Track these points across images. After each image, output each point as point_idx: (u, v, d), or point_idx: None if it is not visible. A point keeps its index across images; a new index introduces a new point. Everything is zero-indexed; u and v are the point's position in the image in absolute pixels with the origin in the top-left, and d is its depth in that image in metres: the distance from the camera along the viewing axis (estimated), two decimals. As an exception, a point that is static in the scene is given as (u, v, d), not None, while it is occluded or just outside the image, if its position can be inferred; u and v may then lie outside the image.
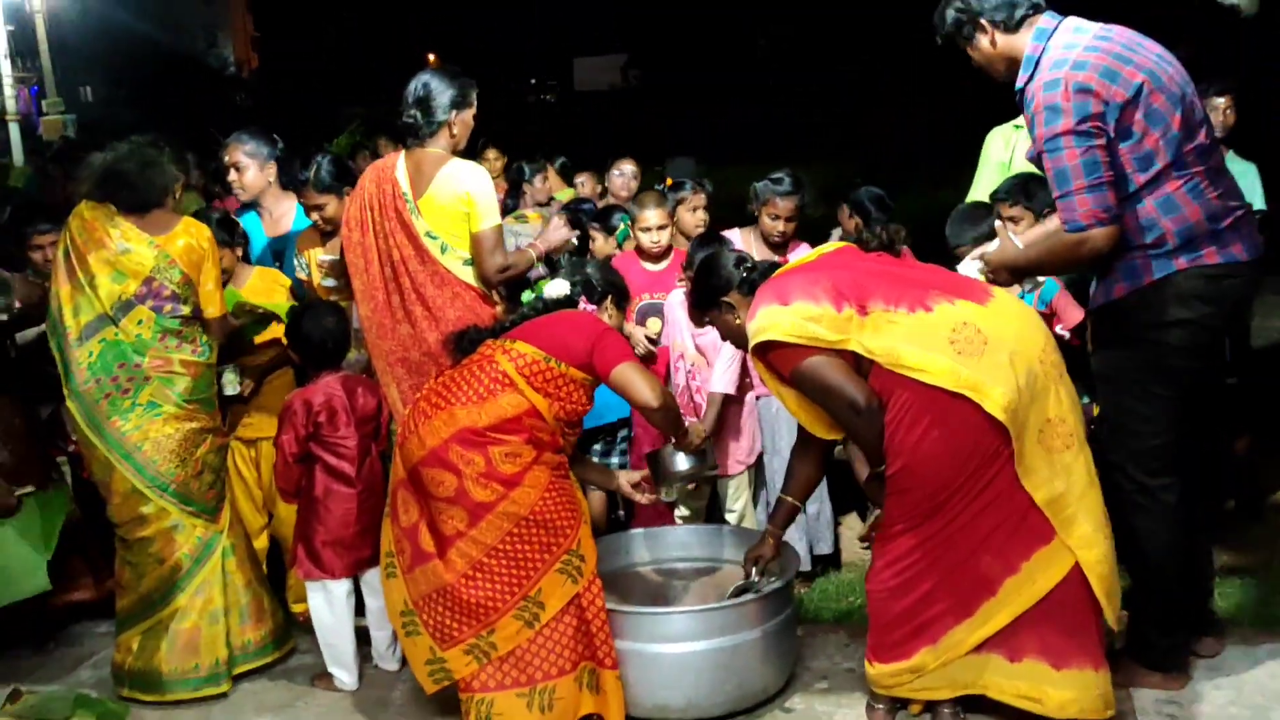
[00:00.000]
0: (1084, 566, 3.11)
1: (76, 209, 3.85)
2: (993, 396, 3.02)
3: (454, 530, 3.35)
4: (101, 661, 4.13)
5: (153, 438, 3.76)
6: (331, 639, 3.86)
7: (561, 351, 3.42)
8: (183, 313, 3.82)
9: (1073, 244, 3.18)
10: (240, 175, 4.79)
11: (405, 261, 3.81)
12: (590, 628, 3.39)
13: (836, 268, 3.31)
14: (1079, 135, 3.10)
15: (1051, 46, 3.21)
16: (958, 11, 3.33)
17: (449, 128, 3.86)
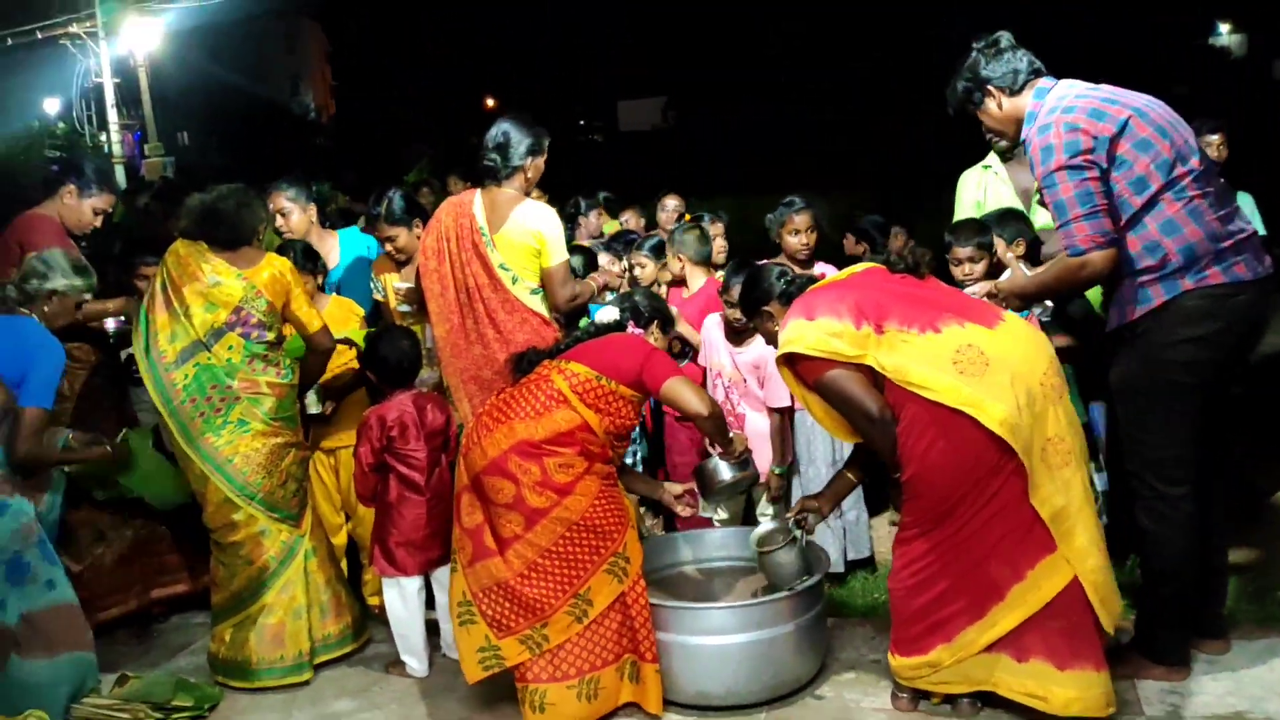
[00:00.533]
0: (1080, 576, 3.08)
1: (172, 246, 3.91)
2: (992, 413, 3.02)
3: (512, 533, 3.38)
4: (198, 649, 4.18)
5: (242, 452, 3.80)
6: (404, 630, 3.88)
7: (612, 370, 3.43)
8: (268, 338, 3.86)
9: (1075, 268, 3.21)
10: (286, 220, 4.71)
11: (480, 289, 3.84)
12: (634, 623, 3.39)
13: (861, 287, 3.30)
14: (1071, 170, 3.15)
15: (1047, 101, 3.28)
16: (966, 81, 3.42)
17: (524, 172, 3.92)
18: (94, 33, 22.27)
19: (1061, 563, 3.08)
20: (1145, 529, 3.33)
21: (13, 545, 3.49)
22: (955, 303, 3.26)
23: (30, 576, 3.52)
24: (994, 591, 3.14)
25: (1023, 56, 3.37)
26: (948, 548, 3.16)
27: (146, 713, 3.63)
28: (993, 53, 3.38)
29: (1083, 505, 3.11)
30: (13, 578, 3.49)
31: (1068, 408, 3.15)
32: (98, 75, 22.73)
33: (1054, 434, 3.09)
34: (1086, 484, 3.14)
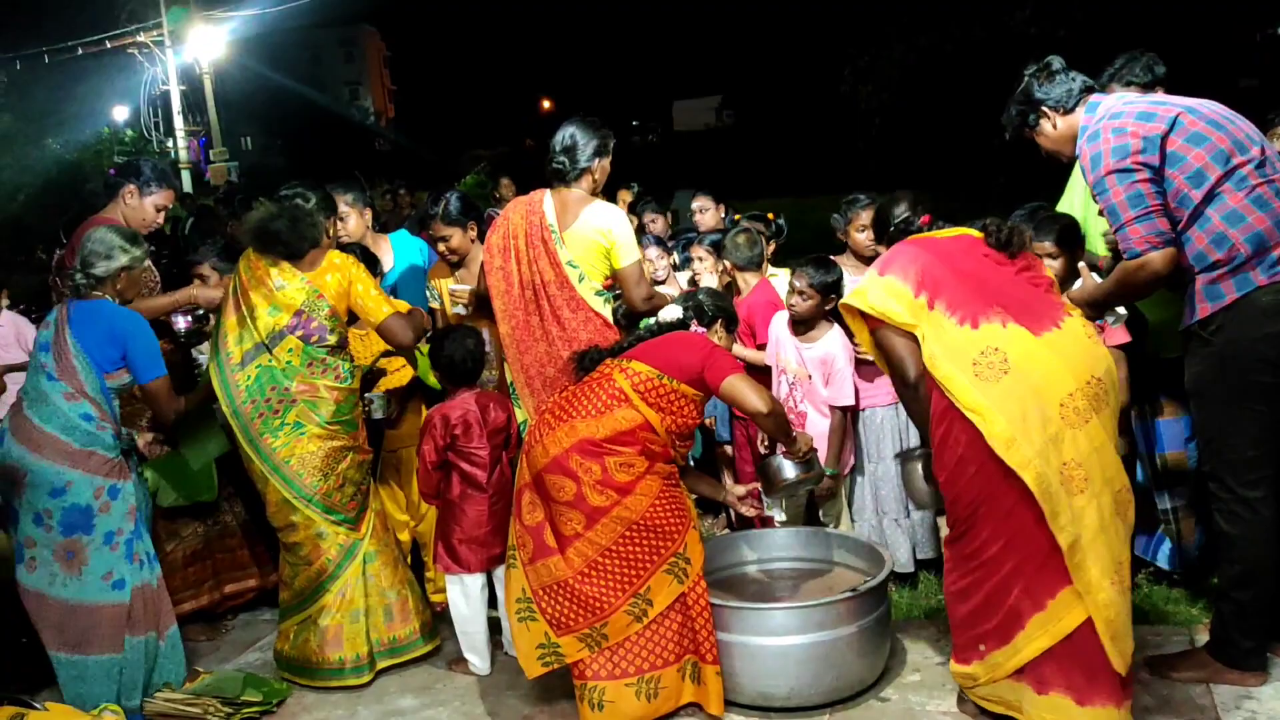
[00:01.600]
0: (1090, 610, 2.96)
1: (246, 252, 3.96)
2: (992, 422, 2.96)
3: (573, 531, 3.38)
4: (266, 646, 4.24)
5: (298, 454, 3.82)
6: (467, 627, 3.90)
7: (674, 369, 3.42)
8: (329, 341, 3.86)
9: (1133, 270, 3.17)
10: (344, 224, 4.72)
11: (545, 286, 3.87)
12: (694, 624, 3.38)
13: (937, 254, 3.23)
14: (1120, 173, 3.12)
15: (1097, 113, 3.26)
16: (1020, 105, 3.43)
17: (591, 173, 3.97)
18: (160, 41, 22.79)
19: (1080, 596, 3.00)
20: (1223, 532, 3.26)
21: (127, 525, 3.69)
22: (1017, 297, 3.13)
23: (136, 554, 3.72)
24: (1016, 619, 3.07)
25: (1075, 77, 3.36)
26: (976, 562, 3.10)
27: (217, 707, 3.70)
28: (1045, 76, 3.38)
29: (1096, 536, 2.97)
30: (131, 556, 3.70)
31: (1093, 433, 2.99)
32: (164, 83, 23.26)
33: (1071, 459, 2.96)
34: (1105, 513, 2.99)
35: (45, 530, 3.61)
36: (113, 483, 3.68)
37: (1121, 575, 3.00)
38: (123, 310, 3.80)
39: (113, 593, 3.65)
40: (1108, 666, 2.97)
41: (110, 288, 3.81)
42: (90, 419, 3.65)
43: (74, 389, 3.65)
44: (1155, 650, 3.53)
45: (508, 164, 18.19)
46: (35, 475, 3.60)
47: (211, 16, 22.85)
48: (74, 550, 3.62)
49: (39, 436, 3.61)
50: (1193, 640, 3.57)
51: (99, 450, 3.65)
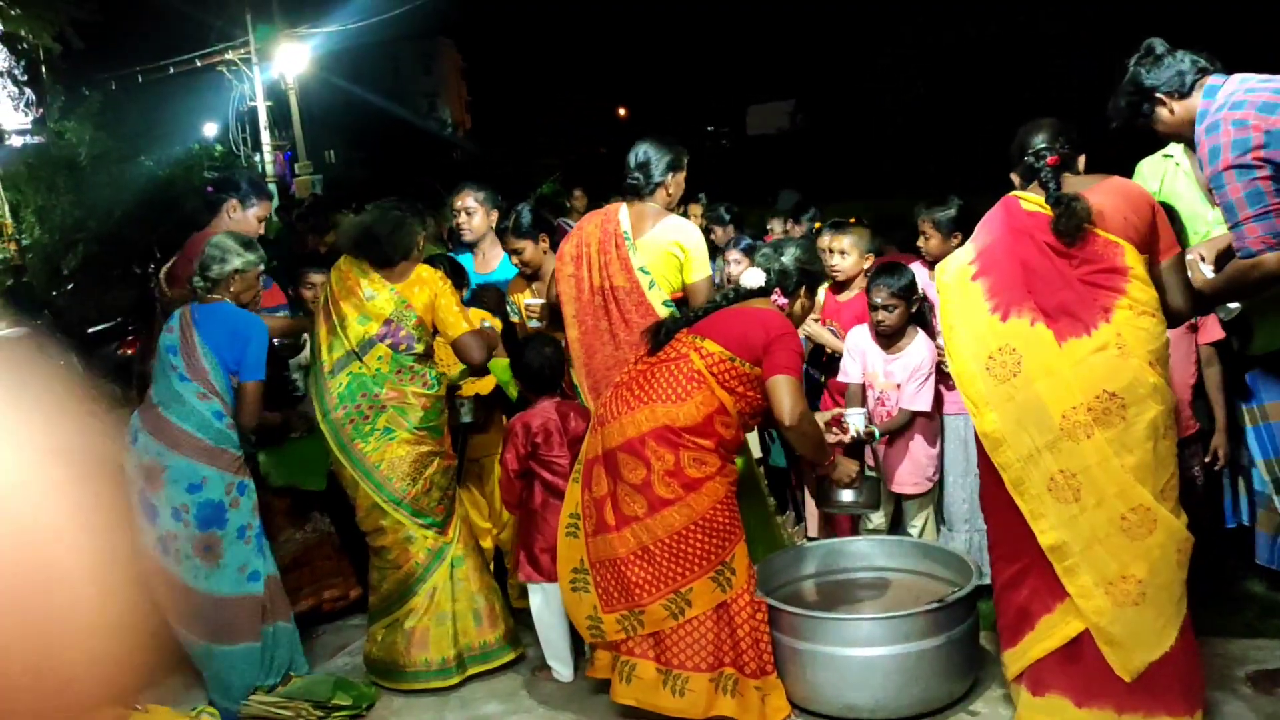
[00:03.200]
0: (1082, 615, 2.95)
1: (337, 264, 4.06)
2: (984, 418, 3.01)
3: (633, 514, 3.37)
4: (355, 650, 4.30)
5: (388, 459, 3.89)
6: (550, 635, 3.91)
7: (743, 349, 3.36)
8: (416, 350, 3.95)
9: (1246, 269, 3.03)
10: (470, 219, 4.91)
11: (615, 290, 3.90)
12: (736, 635, 3.32)
13: (1009, 229, 3.16)
14: (1239, 169, 2.96)
15: (1218, 98, 3.07)
16: (1131, 95, 3.22)
17: (665, 188, 4.03)
18: (248, 59, 23.38)
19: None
20: None
21: (255, 520, 3.90)
22: (1058, 294, 3.03)
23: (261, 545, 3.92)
24: (1027, 618, 3.08)
25: (1184, 57, 3.17)
26: (996, 552, 3.19)
27: (309, 710, 3.76)
28: (1151, 60, 3.20)
29: (1090, 546, 2.94)
30: (261, 549, 3.90)
31: (1097, 447, 2.93)
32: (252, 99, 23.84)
33: (1068, 468, 2.94)
34: (1101, 526, 2.94)
35: (184, 525, 3.78)
36: (241, 479, 3.87)
37: (1126, 589, 2.94)
38: (243, 311, 3.98)
39: (249, 584, 3.85)
40: (1110, 672, 2.95)
41: (225, 290, 3.98)
42: (222, 417, 3.84)
43: (206, 388, 3.84)
44: (1259, 665, 3.40)
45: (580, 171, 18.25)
46: (174, 471, 3.77)
47: (296, 34, 23.37)
48: (211, 544, 3.80)
49: (178, 434, 3.79)
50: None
51: (229, 448, 3.84)
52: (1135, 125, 3.29)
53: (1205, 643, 3.54)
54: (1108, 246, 3.04)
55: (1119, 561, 2.96)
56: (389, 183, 22.71)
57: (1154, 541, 2.95)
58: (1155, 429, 2.96)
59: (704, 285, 3.97)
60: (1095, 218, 3.03)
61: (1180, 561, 2.99)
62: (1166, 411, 2.99)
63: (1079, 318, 3.01)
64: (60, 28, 13.37)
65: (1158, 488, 2.97)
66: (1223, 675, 3.39)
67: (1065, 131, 3.26)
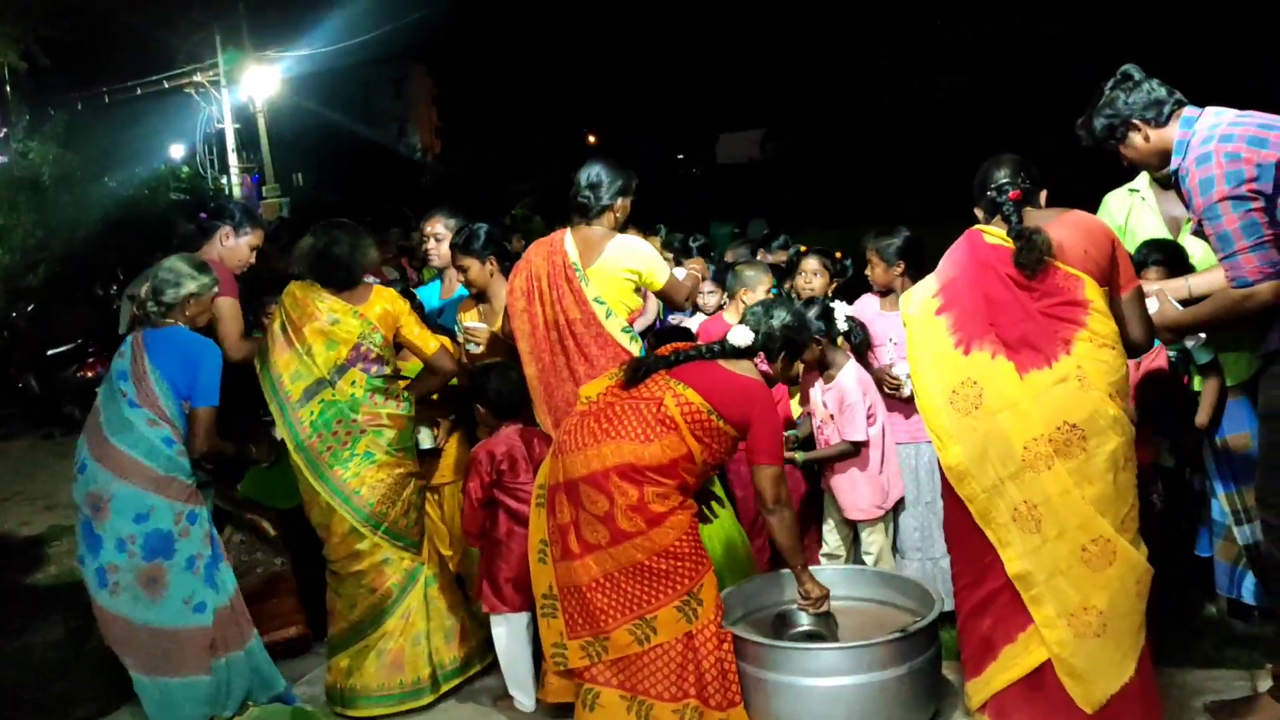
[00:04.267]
0: (1045, 645, 2.99)
1: (288, 288, 4.03)
2: (949, 451, 3.05)
3: (596, 542, 3.35)
4: (314, 679, 4.24)
5: (369, 483, 3.88)
6: (513, 665, 3.89)
7: (724, 407, 3.36)
8: (385, 372, 3.96)
9: (1240, 299, 3.08)
10: (439, 245, 4.90)
11: (571, 324, 3.86)
12: (701, 666, 3.30)
13: (973, 262, 3.21)
14: (1235, 200, 3.02)
15: (1198, 130, 3.15)
16: (1109, 118, 3.29)
17: (613, 211, 4.01)
18: (216, 81, 23.31)
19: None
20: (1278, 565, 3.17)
21: (206, 550, 3.82)
22: (1020, 326, 3.08)
23: (214, 575, 3.84)
24: (989, 650, 3.11)
25: (1159, 86, 3.25)
26: (961, 581, 3.21)
27: (264, 742, 3.70)
28: (1130, 86, 3.27)
29: (1053, 576, 2.99)
30: (210, 580, 3.82)
31: (1058, 478, 2.98)
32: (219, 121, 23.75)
33: (1030, 498, 3.00)
34: (1062, 557, 2.98)
35: (128, 556, 3.72)
36: (191, 508, 3.81)
37: (1086, 620, 2.98)
38: (195, 335, 3.93)
39: (194, 615, 3.77)
40: (1071, 703, 2.98)
41: (180, 314, 3.93)
42: (172, 444, 3.79)
43: (156, 415, 3.78)
44: (1216, 695, 3.43)
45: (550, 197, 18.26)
46: (120, 501, 3.72)
47: (265, 56, 23.35)
48: (156, 575, 3.73)
49: (126, 462, 3.73)
50: (1255, 685, 3.46)
51: (179, 476, 3.79)
52: (1105, 148, 3.36)
53: (1164, 673, 3.58)
54: (1068, 279, 3.08)
55: (1080, 592, 2.99)
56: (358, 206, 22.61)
57: (1114, 573, 2.98)
58: (1115, 461, 2.99)
59: (674, 284, 4.02)
60: (1055, 251, 3.08)
61: (1140, 593, 3.02)
62: (1126, 443, 3.03)
63: (1040, 350, 3.05)
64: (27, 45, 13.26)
65: (1118, 519, 3.00)
66: (1181, 706, 3.42)
67: (1027, 167, 3.32)
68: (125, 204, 14.93)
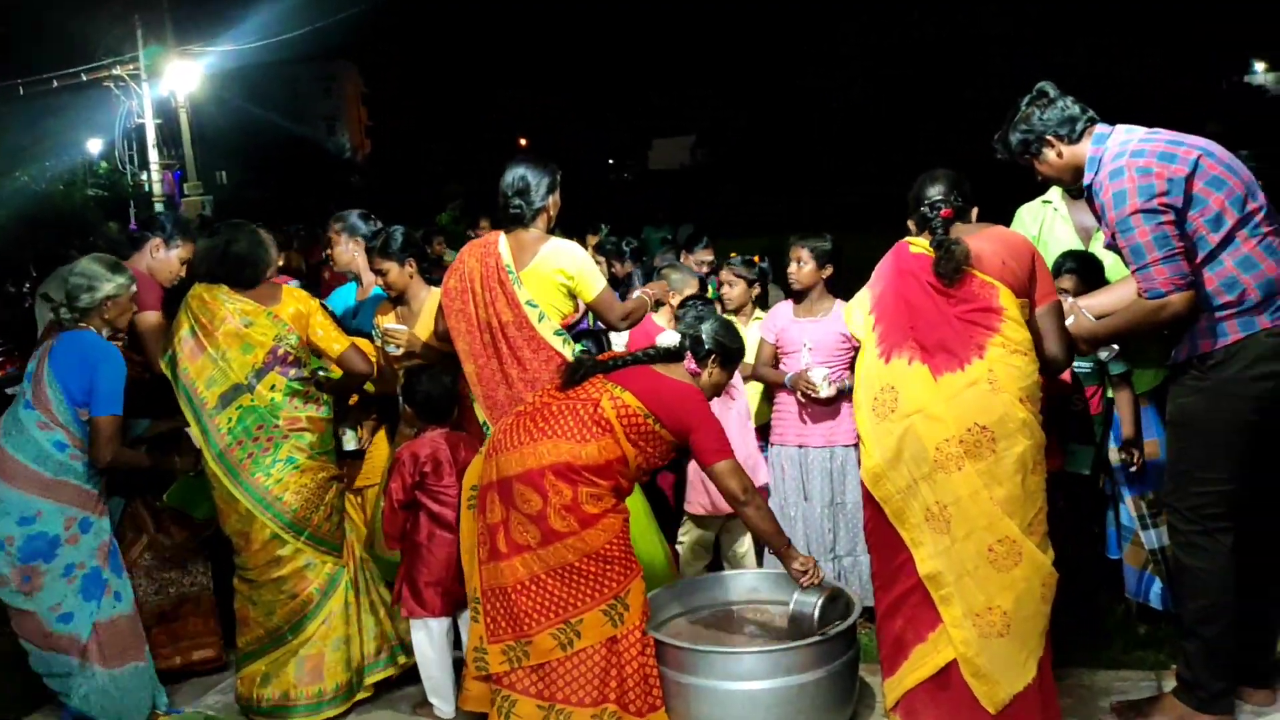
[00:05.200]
0: (952, 644, 3.07)
1: (193, 291, 3.95)
2: (869, 455, 3.15)
3: (525, 543, 3.34)
4: (226, 688, 4.16)
5: (292, 488, 3.82)
6: (431, 671, 3.85)
7: (664, 416, 3.38)
8: (304, 374, 3.91)
9: (1153, 309, 3.16)
10: (333, 250, 4.93)
11: (504, 327, 3.84)
12: (624, 672, 3.31)
13: (898, 273, 3.29)
14: (1146, 214, 3.11)
15: (1110, 146, 3.25)
16: (1024, 133, 3.38)
17: (546, 212, 3.97)
18: (136, 75, 22.76)
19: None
20: (1185, 567, 3.28)
21: (93, 560, 3.72)
22: (937, 332, 3.17)
23: (104, 589, 3.74)
24: (901, 649, 3.18)
25: (1073, 103, 3.35)
26: (878, 582, 3.27)
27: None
28: (1045, 103, 3.36)
29: (961, 577, 3.07)
30: (87, 591, 3.71)
31: (968, 480, 3.06)
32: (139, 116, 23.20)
33: (941, 499, 3.08)
34: (970, 558, 3.06)
35: (5, 555, 3.64)
36: (86, 515, 3.71)
37: (991, 620, 3.05)
38: (99, 341, 3.81)
39: (58, 624, 3.67)
40: (976, 703, 3.05)
41: (97, 318, 3.83)
42: (64, 448, 3.68)
43: (47, 418, 3.68)
44: (1122, 696, 3.53)
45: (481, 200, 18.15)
46: (6, 504, 3.63)
47: (188, 51, 22.86)
48: (30, 575, 3.66)
49: (12, 466, 3.64)
50: (1160, 686, 3.57)
51: (72, 480, 3.68)
52: (1020, 162, 3.45)
53: (1073, 673, 3.68)
54: (984, 287, 3.17)
55: (986, 593, 3.06)
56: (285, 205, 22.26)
57: (1019, 574, 3.05)
58: (1024, 463, 3.07)
59: (605, 297, 3.96)
60: (974, 260, 3.16)
61: (1045, 595, 3.09)
62: (1035, 447, 3.10)
63: (954, 353, 3.13)
64: (-65, 36, 12.85)
65: (1025, 521, 3.07)
66: (1088, 706, 3.51)
67: (960, 184, 3.40)
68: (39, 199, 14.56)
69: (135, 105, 23.22)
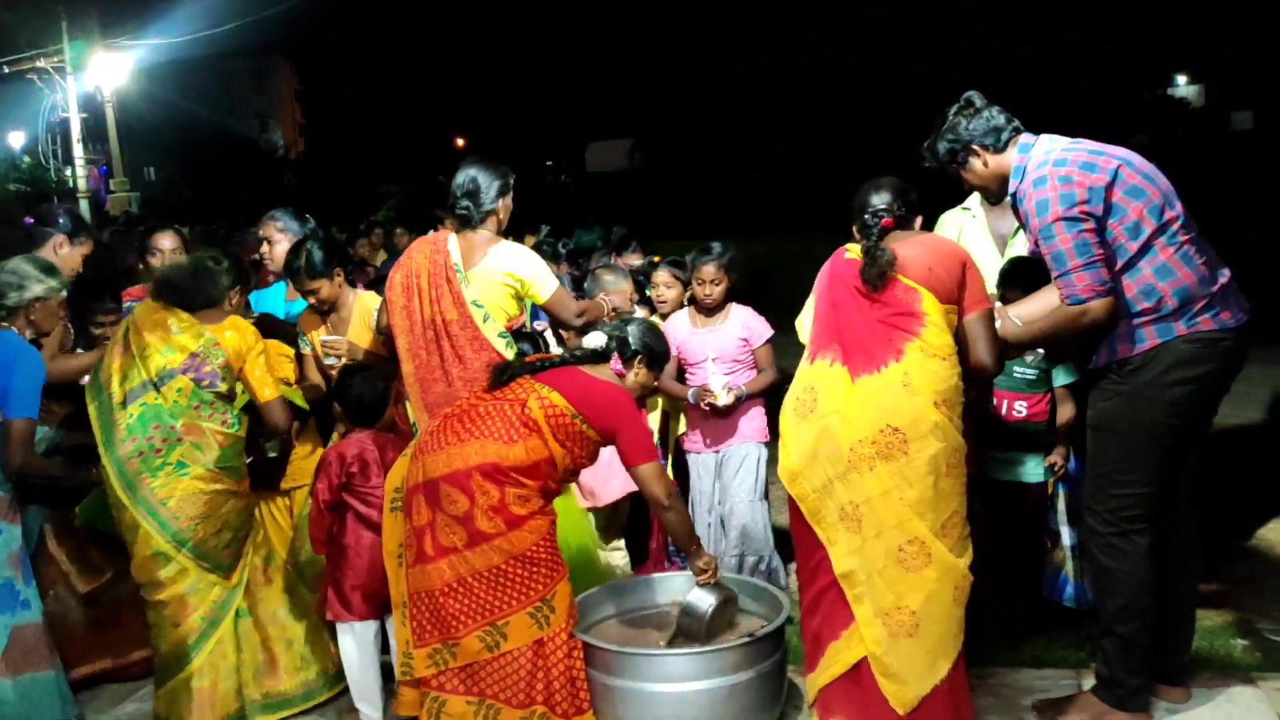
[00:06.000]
0: (864, 643, 3.13)
1: (144, 301, 3.88)
2: (787, 455, 3.23)
3: (451, 545, 3.31)
4: (146, 696, 4.05)
5: (178, 495, 3.65)
6: (358, 676, 3.80)
7: (591, 416, 3.38)
8: (219, 389, 3.74)
9: (1075, 315, 3.23)
10: (271, 249, 4.82)
11: (448, 325, 3.82)
12: (550, 674, 3.31)
13: (831, 279, 3.36)
14: (1068, 221, 3.18)
15: (1034, 155, 3.33)
16: (950, 142, 3.45)
17: (496, 214, 3.96)
18: (61, 68, 22.20)
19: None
20: (1103, 568, 3.36)
21: (5, 571, 3.59)
22: (859, 335, 3.23)
23: (16, 599, 3.63)
24: (818, 645, 3.25)
25: (999, 113, 3.42)
26: (800, 580, 3.34)
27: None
28: (971, 112, 3.43)
29: (872, 576, 3.12)
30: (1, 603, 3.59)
31: (880, 480, 3.11)
32: (64, 110, 22.62)
33: (854, 499, 3.13)
34: (879, 557, 3.11)
35: None
36: None
37: (900, 619, 3.10)
38: (18, 342, 3.69)
39: None
40: (885, 703, 3.10)
41: (23, 318, 3.73)
42: None
43: None
44: (1044, 694, 3.59)
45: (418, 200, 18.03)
46: None
47: (115, 44, 22.34)
48: None
49: None
50: (1080, 684, 3.64)
51: None
52: (949, 170, 3.52)
53: (995, 673, 3.74)
54: (907, 292, 3.22)
55: (895, 592, 3.11)
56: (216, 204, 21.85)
57: (930, 575, 3.11)
58: (936, 466, 3.12)
59: (558, 298, 3.96)
60: (900, 266, 3.21)
61: (957, 598, 3.15)
62: (949, 450, 3.15)
63: (873, 355, 3.19)
64: None
65: (937, 523, 3.12)
66: (1010, 705, 3.57)
67: (905, 193, 3.46)
68: (-44, 193, 14.10)
69: (60, 99, 22.66)
